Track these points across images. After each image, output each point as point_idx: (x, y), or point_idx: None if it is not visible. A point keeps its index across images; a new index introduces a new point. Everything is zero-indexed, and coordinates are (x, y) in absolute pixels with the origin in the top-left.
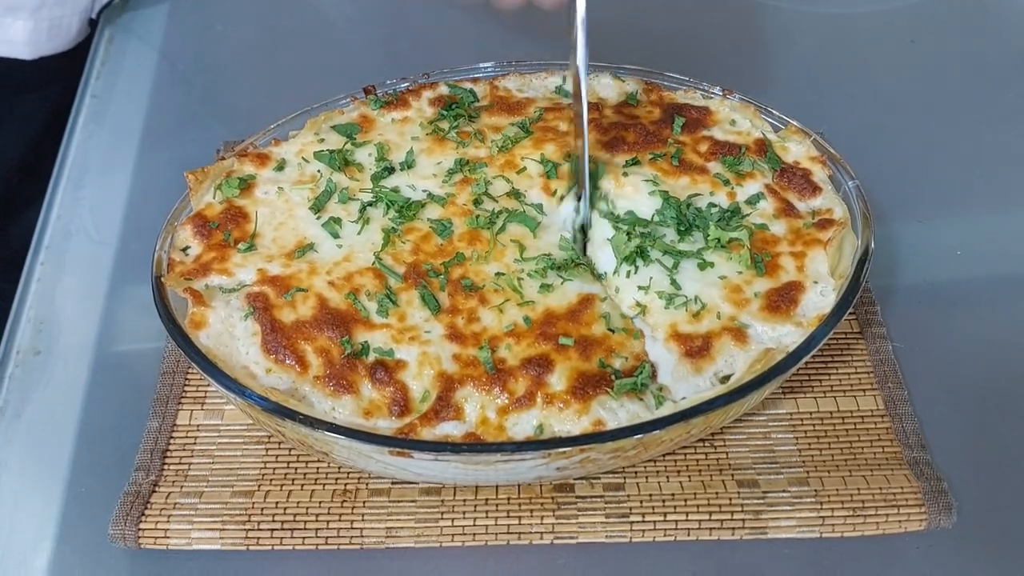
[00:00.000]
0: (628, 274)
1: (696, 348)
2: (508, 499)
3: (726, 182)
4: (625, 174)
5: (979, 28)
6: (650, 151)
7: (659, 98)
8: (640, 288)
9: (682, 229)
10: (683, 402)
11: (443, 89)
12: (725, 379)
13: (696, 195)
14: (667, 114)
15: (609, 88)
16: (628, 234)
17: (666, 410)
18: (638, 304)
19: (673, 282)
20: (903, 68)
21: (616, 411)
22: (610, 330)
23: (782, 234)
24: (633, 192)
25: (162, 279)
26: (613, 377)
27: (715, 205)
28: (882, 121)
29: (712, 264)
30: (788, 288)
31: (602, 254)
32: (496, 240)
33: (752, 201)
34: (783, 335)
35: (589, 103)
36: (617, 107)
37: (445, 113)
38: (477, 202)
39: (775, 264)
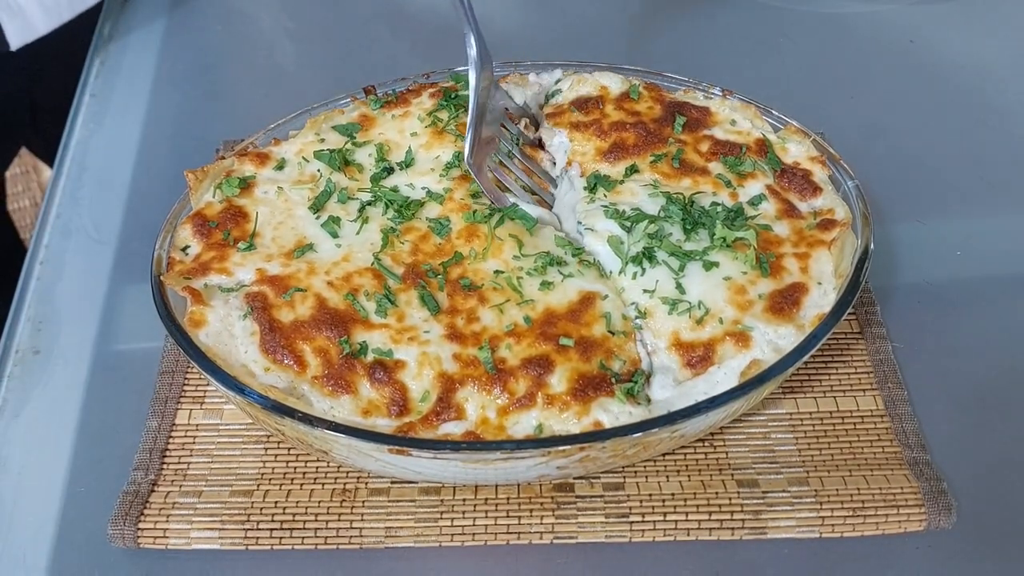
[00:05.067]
0: (635, 276)
1: (697, 358)
2: (508, 499)
3: (727, 183)
4: (622, 181)
5: (978, 28)
6: (651, 152)
7: (659, 96)
8: (645, 291)
9: (688, 226)
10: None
11: (448, 82)
12: None
13: (699, 193)
14: (668, 112)
15: (611, 78)
16: (630, 230)
17: (665, 410)
18: (640, 309)
19: (678, 285)
20: (903, 68)
21: (616, 414)
22: (610, 332)
23: (785, 235)
24: (632, 198)
25: (162, 278)
26: (613, 380)
27: (719, 204)
28: (882, 121)
29: (717, 264)
30: (791, 289)
31: (602, 249)
32: (494, 235)
33: (754, 202)
34: (783, 337)
35: (591, 98)
36: (618, 100)
37: (445, 103)
38: (475, 196)
39: (779, 265)
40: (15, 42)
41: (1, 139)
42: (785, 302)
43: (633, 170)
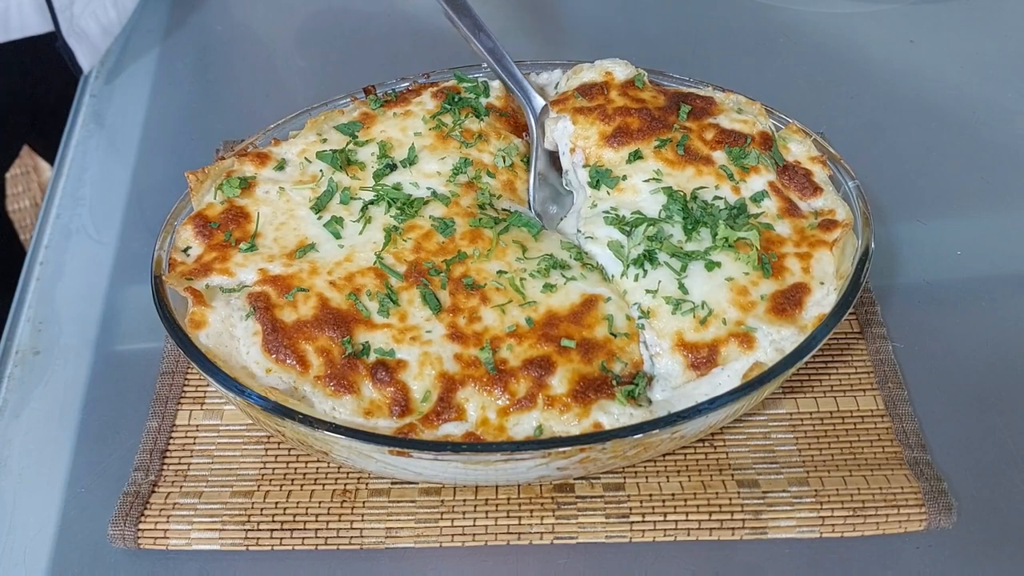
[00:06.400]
0: (636, 277)
1: (702, 359)
2: (508, 499)
3: (730, 176)
4: (624, 177)
5: (979, 28)
6: (656, 137)
7: (663, 89)
8: (648, 292)
9: (689, 227)
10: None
11: (449, 82)
12: None
13: (701, 188)
14: (672, 101)
15: (615, 63)
16: (629, 233)
17: (666, 411)
18: (643, 309)
19: (681, 286)
20: (903, 68)
21: (617, 415)
22: (612, 334)
23: (787, 234)
24: (634, 196)
25: (164, 278)
26: (614, 383)
27: (720, 198)
28: (882, 121)
29: (719, 264)
30: (794, 290)
31: (603, 254)
32: (498, 239)
33: (757, 199)
34: (786, 338)
35: (596, 84)
36: (623, 87)
37: (448, 107)
38: (481, 207)
39: (780, 266)
40: (86, 65)
41: (3, 138)
42: (787, 303)
43: (637, 156)
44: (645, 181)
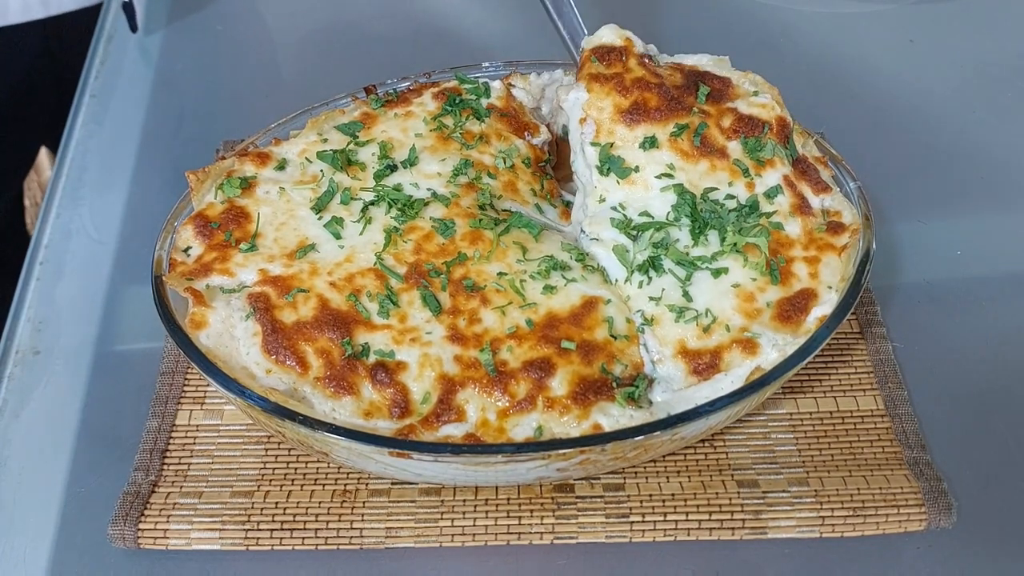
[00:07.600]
0: (640, 284)
1: (703, 366)
2: (508, 499)
3: (745, 171)
4: (637, 168)
5: (979, 28)
6: (674, 120)
7: (679, 66)
8: (651, 299)
9: (696, 231)
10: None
11: (450, 82)
12: None
13: (713, 188)
14: (689, 79)
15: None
16: (635, 238)
17: (666, 412)
18: (646, 316)
19: (685, 294)
20: (903, 68)
21: (617, 418)
22: (612, 336)
23: (796, 236)
24: (644, 191)
25: (164, 279)
26: (614, 384)
27: (733, 197)
28: (882, 121)
29: (726, 270)
30: (800, 297)
31: (607, 257)
32: (499, 240)
33: (770, 195)
34: (790, 344)
35: (614, 48)
36: (642, 57)
37: (449, 108)
38: (481, 207)
39: (788, 271)
40: (140, 24)
41: (25, 133)
42: (793, 310)
43: (652, 143)
44: (657, 177)
